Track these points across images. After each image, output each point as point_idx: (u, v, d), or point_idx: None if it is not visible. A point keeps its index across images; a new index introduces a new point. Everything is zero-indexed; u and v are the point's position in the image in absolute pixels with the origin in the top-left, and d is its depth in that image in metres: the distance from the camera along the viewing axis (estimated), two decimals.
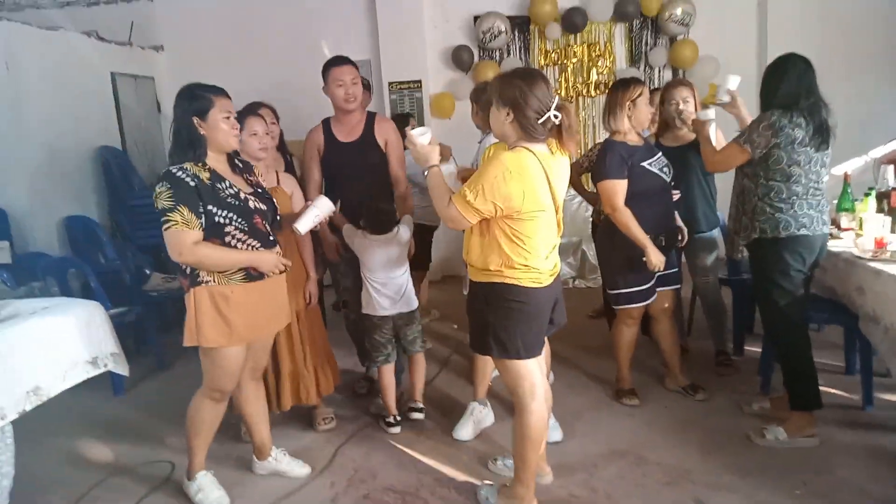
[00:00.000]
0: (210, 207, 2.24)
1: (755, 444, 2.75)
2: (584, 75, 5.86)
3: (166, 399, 3.54)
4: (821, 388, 2.74)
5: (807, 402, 2.72)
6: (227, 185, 2.31)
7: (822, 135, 2.61)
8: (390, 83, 5.87)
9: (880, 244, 2.77)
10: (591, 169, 3.33)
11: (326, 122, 3.33)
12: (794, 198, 2.64)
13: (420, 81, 5.85)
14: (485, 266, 2.22)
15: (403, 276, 3.06)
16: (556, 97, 2.17)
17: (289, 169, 3.33)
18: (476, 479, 2.63)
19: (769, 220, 2.66)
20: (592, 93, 5.88)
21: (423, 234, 3.90)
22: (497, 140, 2.36)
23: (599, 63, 5.83)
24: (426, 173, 2.27)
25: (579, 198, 5.56)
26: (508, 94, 2.15)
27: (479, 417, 3.02)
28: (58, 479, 2.84)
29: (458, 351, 4.08)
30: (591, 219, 4.27)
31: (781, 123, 2.57)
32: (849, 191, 3.32)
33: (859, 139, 4.97)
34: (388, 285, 3.01)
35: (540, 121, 2.13)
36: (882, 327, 2.60)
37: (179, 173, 2.22)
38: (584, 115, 5.93)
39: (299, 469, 2.76)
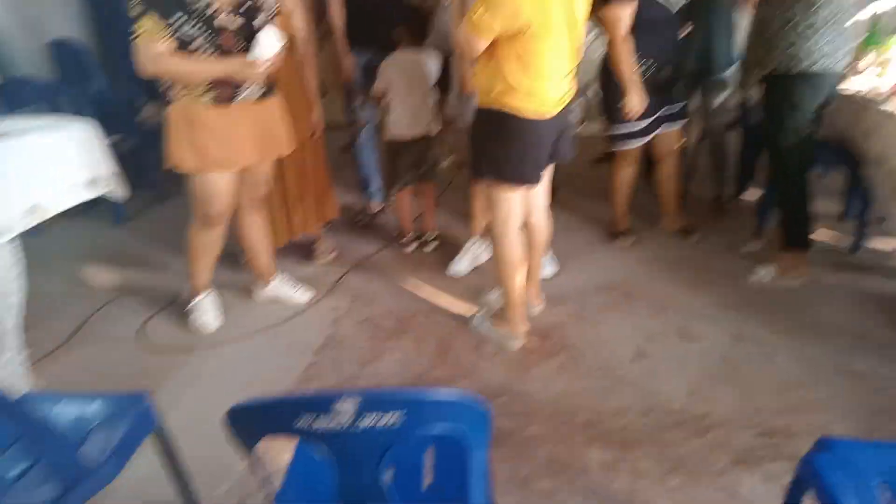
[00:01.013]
0: (178, 16, 2.09)
1: (744, 282, 2.82)
2: None
3: (167, 228, 3.60)
4: (815, 232, 2.77)
5: (798, 241, 2.76)
6: (207, 2, 2.13)
7: None
8: None
9: None
10: None
11: None
12: (811, 30, 2.49)
13: None
14: (489, 90, 2.14)
15: (427, 97, 3.07)
16: None
17: None
18: (470, 308, 2.73)
19: (785, 53, 2.53)
20: None
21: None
22: None
23: None
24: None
25: (589, 37, 5.28)
26: None
27: (476, 253, 3.09)
28: (66, 300, 2.96)
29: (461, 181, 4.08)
30: (601, 58, 4.08)
31: None
32: (878, 27, 3.14)
33: None
34: (413, 107, 3.03)
35: None
36: (886, 170, 2.57)
37: None
38: None
39: (300, 295, 2.84)
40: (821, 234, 3.08)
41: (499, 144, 2.19)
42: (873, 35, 3.09)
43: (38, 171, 2.29)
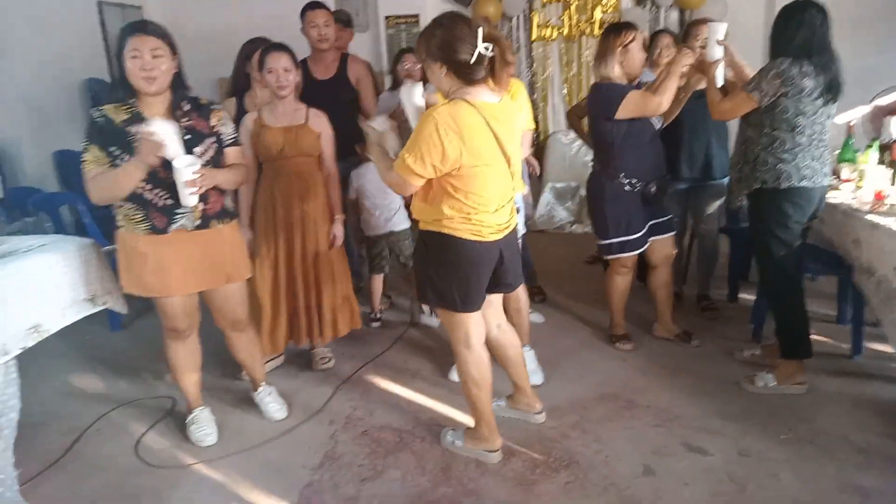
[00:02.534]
0: (112, 149, 2.17)
1: (744, 390, 2.81)
2: (589, 13, 5.69)
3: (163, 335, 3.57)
4: (812, 336, 2.79)
5: (797, 350, 2.77)
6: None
7: (832, 90, 2.56)
8: (387, 17, 5.69)
9: (879, 197, 2.76)
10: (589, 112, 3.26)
11: (304, 61, 3.51)
12: (798, 148, 2.61)
13: (418, 16, 5.66)
14: (423, 217, 2.20)
15: (395, 197, 3.40)
16: (482, 27, 2.03)
17: None
18: (470, 418, 2.69)
19: (771, 170, 2.64)
20: (596, 32, 5.72)
21: None
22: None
23: (604, 1, 5.65)
24: (372, 156, 2.29)
25: (578, 142, 5.52)
26: (434, 46, 2.04)
27: None
28: (61, 413, 2.90)
29: None
30: (590, 163, 4.25)
31: (791, 73, 2.51)
32: (851, 142, 3.29)
33: (864, 90, 4.89)
34: (381, 207, 3.42)
35: (472, 61, 2.01)
36: (875, 280, 2.63)
37: (94, 113, 2.21)
38: (588, 55, 5.78)
39: (276, 411, 2.77)
40: (817, 338, 3.09)
41: (439, 267, 2.20)
42: (846, 149, 3.24)
43: (38, 291, 2.31)
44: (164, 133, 2.10)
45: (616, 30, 2.92)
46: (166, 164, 2.17)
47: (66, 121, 4.71)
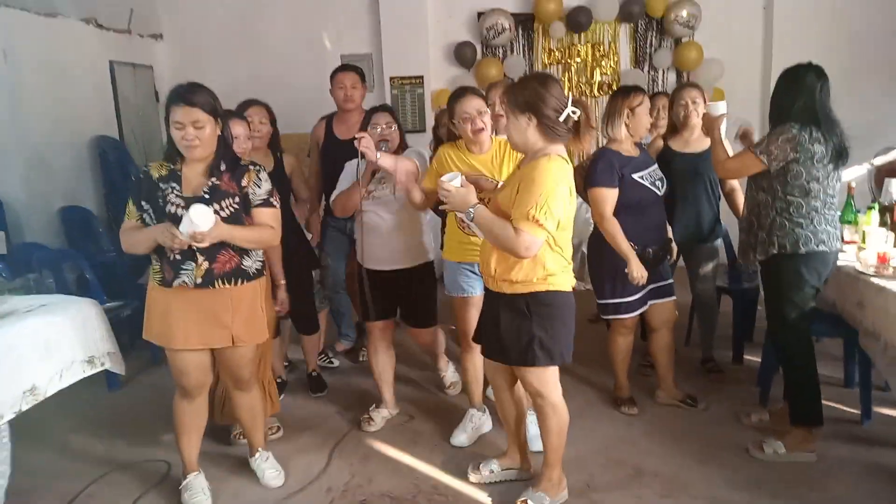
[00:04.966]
0: (144, 204, 2.34)
1: (753, 456, 2.75)
2: (588, 75, 5.83)
3: (161, 395, 3.49)
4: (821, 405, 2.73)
5: (808, 418, 2.71)
6: (172, 187, 2.30)
7: (841, 156, 2.60)
8: (392, 78, 5.82)
9: (883, 259, 2.76)
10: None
11: (329, 119, 3.71)
12: (814, 213, 2.61)
13: (422, 77, 5.79)
14: (527, 278, 2.21)
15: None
16: (570, 94, 2.22)
17: (278, 167, 3.32)
18: (472, 486, 2.62)
19: (789, 235, 2.62)
20: (596, 93, 5.85)
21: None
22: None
23: (603, 63, 5.79)
24: (472, 215, 2.21)
25: (579, 199, 5.56)
26: (526, 98, 2.16)
27: (477, 424, 3.01)
28: (53, 477, 2.83)
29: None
30: (591, 221, 4.27)
31: (802, 139, 2.54)
32: (852, 202, 3.31)
33: (862, 150, 4.96)
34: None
35: (561, 118, 2.15)
36: (881, 344, 2.60)
37: (142, 167, 2.43)
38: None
39: (273, 478, 2.70)
40: (825, 403, 3.03)
41: (547, 325, 2.26)
42: (847, 210, 3.26)
43: (37, 352, 2.30)
44: (197, 220, 2.15)
45: (625, 92, 3.00)
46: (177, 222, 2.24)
47: (74, 177, 4.75)
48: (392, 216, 2.90)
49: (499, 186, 2.55)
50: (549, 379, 2.35)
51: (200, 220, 2.16)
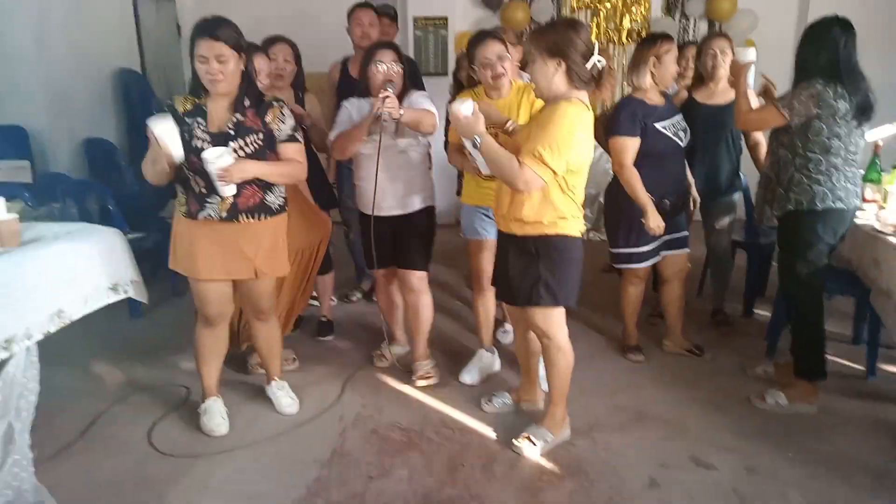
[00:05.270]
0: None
1: (755, 406, 2.80)
2: (617, 21, 5.69)
3: (181, 324, 3.61)
4: (826, 356, 2.76)
5: (811, 371, 2.75)
6: (198, 122, 2.33)
7: (865, 112, 2.55)
8: (415, 18, 5.72)
9: None
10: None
11: (345, 60, 3.71)
12: (833, 170, 2.58)
13: (446, 18, 5.69)
14: (537, 220, 2.25)
15: None
16: (597, 42, 2.22)
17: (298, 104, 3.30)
18: (479, 421, 2.72)
19: (806, 191, 2.61)
20: (624, 41, 5.72)
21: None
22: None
23: (633, 10, 5.65)
24: (478, 143, 2.22)
25: (599, 149, 5.50)
26: (556, 42, 2.15)
27: (486, 363, 3.09)
28: (77, 398, 2.95)
29: (458, 297, 4.15)
30: (610, 171, 4.24)
31: (825, 95, 2.50)
32: (877, 161, 3.25)
33: (893, 109, 4.83)
34: None
35: (588, 65, 2.15)
36: (893, 303, 2.60)
37: (166, 101, 2.42)
38: (615, 63, 5.78)
39: (287, 406, 2.81)
40: (832, 358, 3.06)
41: (554, 268, 2.30)
42: (871, 169, 3.20)
43: (63, 277, 2.36)
44: (160, 133, 2.21)
45: (652, 40, 2.95)
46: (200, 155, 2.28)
47: (97, 110, 4.79)
48: (392, 161, 2.82)
49: (514, 129, 2.54)
50: (554, 320, 2.40)
51: (220, 161, 2.22)
